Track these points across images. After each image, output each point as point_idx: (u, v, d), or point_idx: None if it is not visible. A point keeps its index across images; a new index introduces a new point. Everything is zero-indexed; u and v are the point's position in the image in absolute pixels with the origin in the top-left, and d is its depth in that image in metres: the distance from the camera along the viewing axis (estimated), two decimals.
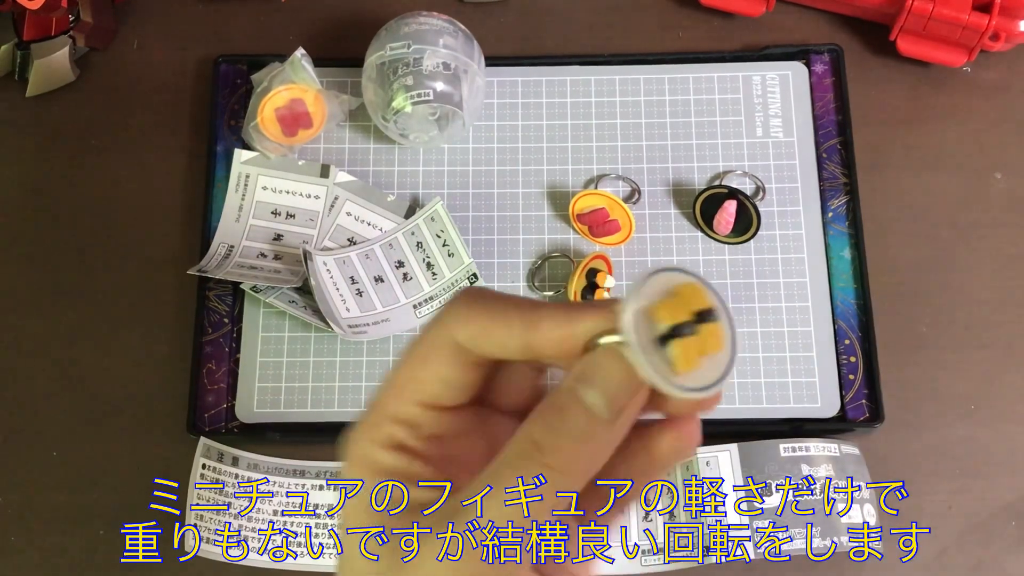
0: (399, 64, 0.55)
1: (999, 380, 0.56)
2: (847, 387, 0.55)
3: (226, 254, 0.57)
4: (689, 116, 0.60)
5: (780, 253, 0.57)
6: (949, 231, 0.59)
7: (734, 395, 0.55)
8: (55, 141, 0.62)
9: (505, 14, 0.64)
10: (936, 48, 0.60)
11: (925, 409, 0.55)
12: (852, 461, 0.52)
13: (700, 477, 0.52)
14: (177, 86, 0.63)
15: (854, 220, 0.58)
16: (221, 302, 0.57)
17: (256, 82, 0.60)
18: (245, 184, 0.59)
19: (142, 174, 0.61)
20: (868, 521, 0.51)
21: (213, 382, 0.56)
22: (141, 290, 0.58)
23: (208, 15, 0.65)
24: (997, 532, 0.53)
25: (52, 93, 0.62)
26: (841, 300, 0.57)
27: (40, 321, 0.58)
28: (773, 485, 0.51)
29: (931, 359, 0.56)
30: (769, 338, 0.56)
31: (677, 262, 0.57)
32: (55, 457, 0.56)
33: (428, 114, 0.56)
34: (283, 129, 0.59)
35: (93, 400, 0.56)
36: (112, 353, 0.57)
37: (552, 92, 0.61)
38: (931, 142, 0.60)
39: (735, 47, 0.63)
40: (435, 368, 0.26)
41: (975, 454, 0.54)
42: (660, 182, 0.59)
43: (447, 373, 0.26)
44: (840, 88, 0.60)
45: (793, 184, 0.59)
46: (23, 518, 0.55)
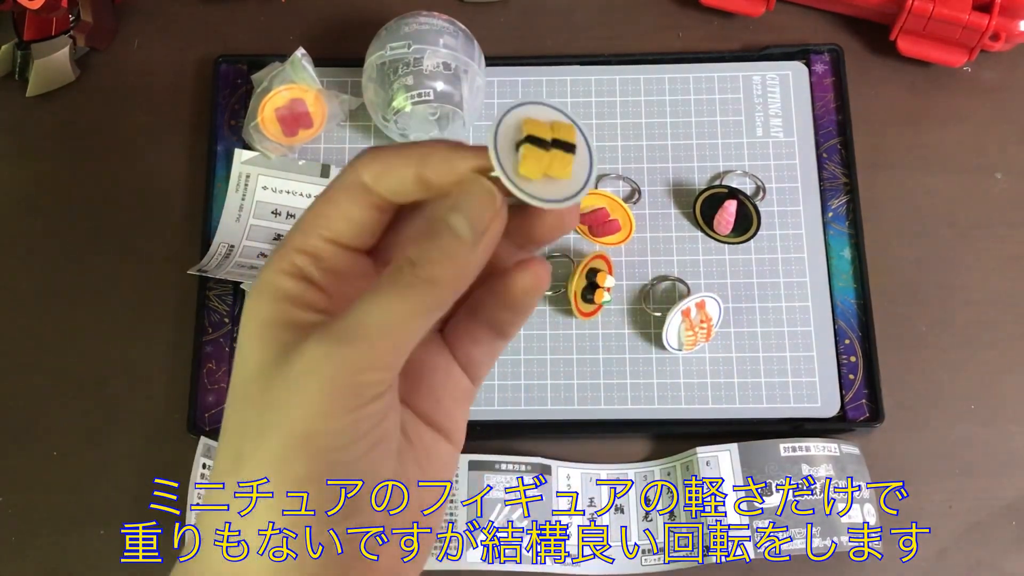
0: (399, 64, 0.55)
1: (999, 380, 0.56)
2: (847, 387, 0.55)
3: (226, 254, 0.57)
4: (689, 116, 0.60)
5: (780, 253, 0.57)
6: (949, 231, 0.59)
7: (734, 395, 0.55)
8: (55, 141, 0.62)
9: (505, 14, 0.64)
10: (936, 48, 0.60)
11: (925, 409, 0.55)
12: (852, 461, 0.52)
13: (700, 477, 0.52)
14: (177, 86, 0.63)
15: (854, 220, 0.58)
16: (221, 302, 0.57)
17: (256, 82, 0.60)
18: (245, 184, 0.59)
19: (142, 174, 0.61)
20: (868, 521, 0.51)
21: (213, 382, 0.56)
22: (141, 290, 0.58)
23: (208, 15, 0.65)
24: (997, 532, 0.53)
25: (52, 93, 0.62)
26: (841, 300, 0.57)
27: (40, 321, 0.58)
28: (773, 485, 0.51)
29: (931, 359, 0.56)
30: (769, 338, 0.56)
31: (677, 262, 0.57)
32: (55, 457, 0.56)
33: (428, 114, 0.56)
34: (283, 129, 0.59)
35: (93, 400, 0.57)
36: (112, 353, 0.57)
37: (552, 92, 0.61)
38: (931, 142, 0.61)
39: (735, 47, 0.63)
40: (342, 206, 0.29)
41: (975, 454, 0.55)
42: (660, 182, 0.59)
43: (352, 211, 0.29)
44: (840, 88, 0.60)
45: (793, 184, 0.59)
46: (23, 518, 0.55)
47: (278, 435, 0.26)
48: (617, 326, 0.56)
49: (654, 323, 0.56)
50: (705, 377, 0.55)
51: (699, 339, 0.55)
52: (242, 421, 0.28)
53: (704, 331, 0.55)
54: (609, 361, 0.56)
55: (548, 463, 0.53)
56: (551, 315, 0.57)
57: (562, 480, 0.53)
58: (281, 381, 0.27)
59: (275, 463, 0.27)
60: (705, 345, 0.56)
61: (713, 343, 0.56)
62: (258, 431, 0.27)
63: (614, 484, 0.54)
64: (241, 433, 0.28)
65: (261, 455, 0.27)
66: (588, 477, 0.54)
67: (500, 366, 0.56)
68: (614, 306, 0.57)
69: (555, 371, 0.56)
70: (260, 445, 0.27)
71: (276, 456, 0.26)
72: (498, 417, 0.55)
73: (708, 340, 0.56)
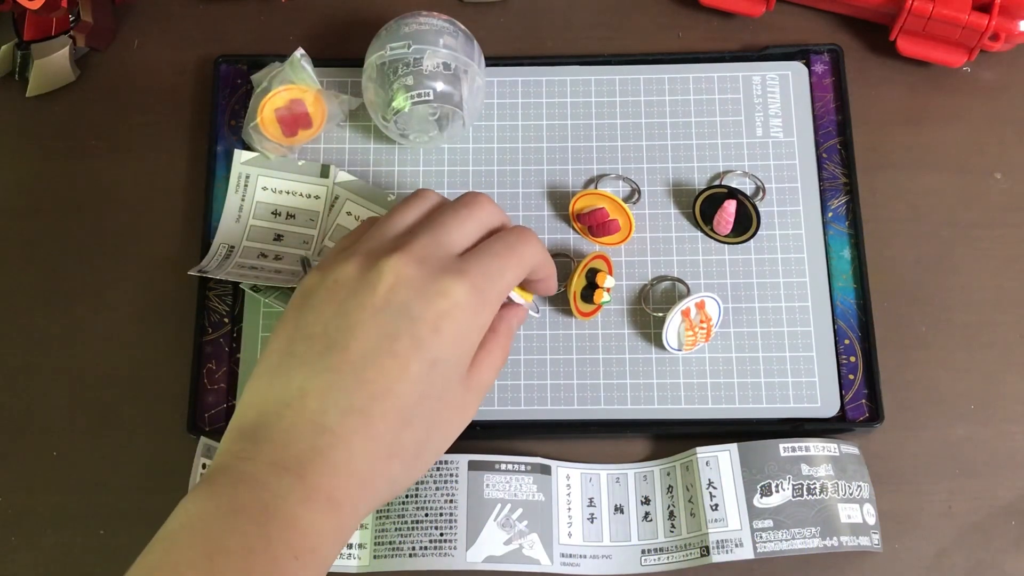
0: (399, 64, 0.55)
1: (999, 380, 0.56)
2: (847, 387, 0.55)
3: (226, 254, 0.57)
4: (689, 116, 0.60)
5: (780, 253, 0.58)
6: (949, 231, 0.59)
7: (734, 395, 0.55)
8: (55, 141, 0.62)
9: (505, 14, 0.64)
10: (936, 48, 0.60)
11: (925, 409, 0.55)
12: (852, 461, 0.52)
13: (700, 477, 0.52)
14: (177, 86, 0.63)
15: (854, 220, 0.58)
16: (221, 302, 0.57)
17: (256, 82, 0.60)
18: (245, 184, 0.59)
19: (142, 174, 0.61)
20: (868, 521, 0.51)
21: (213, 382, 0.56)
22: (141, 290, 0.58)
23: (208, 15, 0.65)
24: (997, 532, 0.53)
25: (52, 93, 0.63)
26: (841, 300, 0.57)
27: (40, 321, 0.58)
28: (773, 485, 0.51)
29: (931, 359, 0.56)
30: (769, 338, 0.56)
31: (677, 262, 0.58)
32: (55, 457, 0.56)
33: (428, 114, 0.56)
34: (283, 129, 0.59)
35: (93, 400, 0.57)
36: (112, 353, 0.57)
37: (552, 92, 0.61)
38: (931, 142, 0.61)
39: (735, 47, 0.63)
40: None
41: (975, 454, 0.55)
42: (660, 182, 0.59)
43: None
44: (840, 88, 0.60)
45: (793, 184, 0.59)
46: (23, 518, 0.55)
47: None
48: (617, 326, 0.56)
49: (654, 323, 0.56)
50: (705, 377, 0.55)
51: (699, 339, 0.55)
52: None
53: (704, 331, 0.55)
54: (609, 361, 0.56)
55: (548, 463, 0.53)
56: (551, 315, 0.57)
57: (562, 480, 0.53)
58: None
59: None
60: (705, 345, 0.56)
61: (713, 343, 0.56)
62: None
63: (614, 484, 0.54)
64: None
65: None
66: (588, 477, 0.54)
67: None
68: (614, 306, 0.57)
69: (555, 371, 0.56)
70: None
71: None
72: (498, 417, 0.55)
73: (708, 340, 0.56)
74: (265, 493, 0.39)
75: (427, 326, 0.43)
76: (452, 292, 0.43)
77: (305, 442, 0.41)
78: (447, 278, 0.44)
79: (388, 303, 0.43)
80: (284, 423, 0.41)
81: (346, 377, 0.41)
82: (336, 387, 0.41)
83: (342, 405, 0.41)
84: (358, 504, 0.42)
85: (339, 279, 0.44)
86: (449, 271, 0.44)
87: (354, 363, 0.42)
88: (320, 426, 0.41)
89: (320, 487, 0.40)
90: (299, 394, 0.42)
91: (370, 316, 0.42)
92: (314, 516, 0.40)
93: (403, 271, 0.43)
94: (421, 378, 0.42)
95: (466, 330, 0.44)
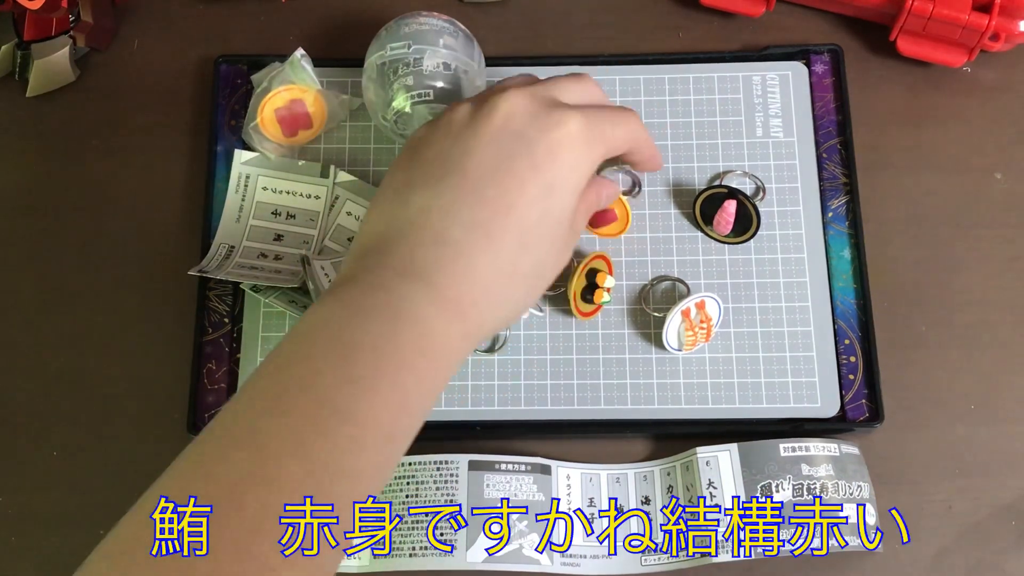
0: (399, 64, 0.55)
1: (999, 380, 0.56)
2: (847, 387, 0.55)
3: (227, 254, 0.57)
4: (689, 116, 0.60)
5: (780, 253, 0.58)
6: (949, 231, 0.59)
7: (734, 395, 0.55)
8: (55, 141, 0.62)
9: (505, 14, 0.64)
10: (936, 48, 0.60)
11: (925, 409, 0.55)
12: (852, 461, 0.52)
13: (700, 477, 0.52)
14: (177, 86, 0.63)
15: (854, 220, 0.58)
16: (221, 302, 0.57)
17: (256, 82, 0.60)
18: (245, 184, 0.59)
19: (142, 174, 0.61)
20: (868, 521, 0.51)
21: (213, 382, 0.56)
22: (141, 290, 0.58)
23: (208, 15, 0.65)
24: (997, 532, 0.53)
25: (52, 93, 0.63)
26: (841, 300, 0.57)
27: (40, 321, 0.58)
28: (773, 485, 0.51)
29: (931, 359, 0.56)
30: (769, 338, 0.56)
31: (677, 262, 0.58)
32: (55, 457, 0.56)
33: (428, 114, 0.56)
34: (283, 129, 0.59)
35: (93, 400, 0.57)
36: (112, 353, 0.57)
37: None
38: (931, 142, 0.61)
39: (735, 47, 0.63)
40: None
41: (975, 454, 0.55)
42: (660, 182, 0.59)
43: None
44: (840, 88, 0.60)
45: (793, 184, 0.59)
46: (23, 518, 0.55)
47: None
48: (617, 326, 0.56)
49: (654, 323, 0.56)
50: (705, 377, 0.55)
51: (699, 339, 0.55)
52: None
53: (704, 331, 0.55)
54: (609, 361, 0.56)
55: (548, 463, 0.53)
56: (551, 315, 0.57)
57: (562, 480, 0.53)
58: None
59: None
60: (705, 345, 0.56)
61: (713, 343, 0.56)
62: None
63: (614, 484, 0.54)
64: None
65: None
66: (588, 477, 0.54)
67: (500, 366, 0.56)
68: (614, 306, 0.57)
69: (555, 371, 0.56)
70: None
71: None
72: (498, 417, 0.55)
73: (708, 340, 0.56)
74: (392, 296, 0.41)
75: (543, 150, 0.44)
76: (567, 122, 0.44)
77: (431, 253, 0.42)
78: (561, 110, 0.45)
79: (504, 128, 0.44)
80: (409, 239, 0.42)
81: (467, 195, 0.43)
82: (458, 203, 0.43)
83: (465, 219, 0.42)
84: (484, 316, 0.43)
85: (453, 118, 0.45)
86: (562, 106, 0.45)
87: (475, 183, 0.43)
88: (445, 239, 0.42)
89: (447, 293, 0.41)
90: (421, 212, 0.43)
91: (487, 141, 0.44)
92: (440, 318, 0.41)
93: (518, 102, 0.44)
94: (538, 200, 0.43)
95: (579, 161, 0.45)
